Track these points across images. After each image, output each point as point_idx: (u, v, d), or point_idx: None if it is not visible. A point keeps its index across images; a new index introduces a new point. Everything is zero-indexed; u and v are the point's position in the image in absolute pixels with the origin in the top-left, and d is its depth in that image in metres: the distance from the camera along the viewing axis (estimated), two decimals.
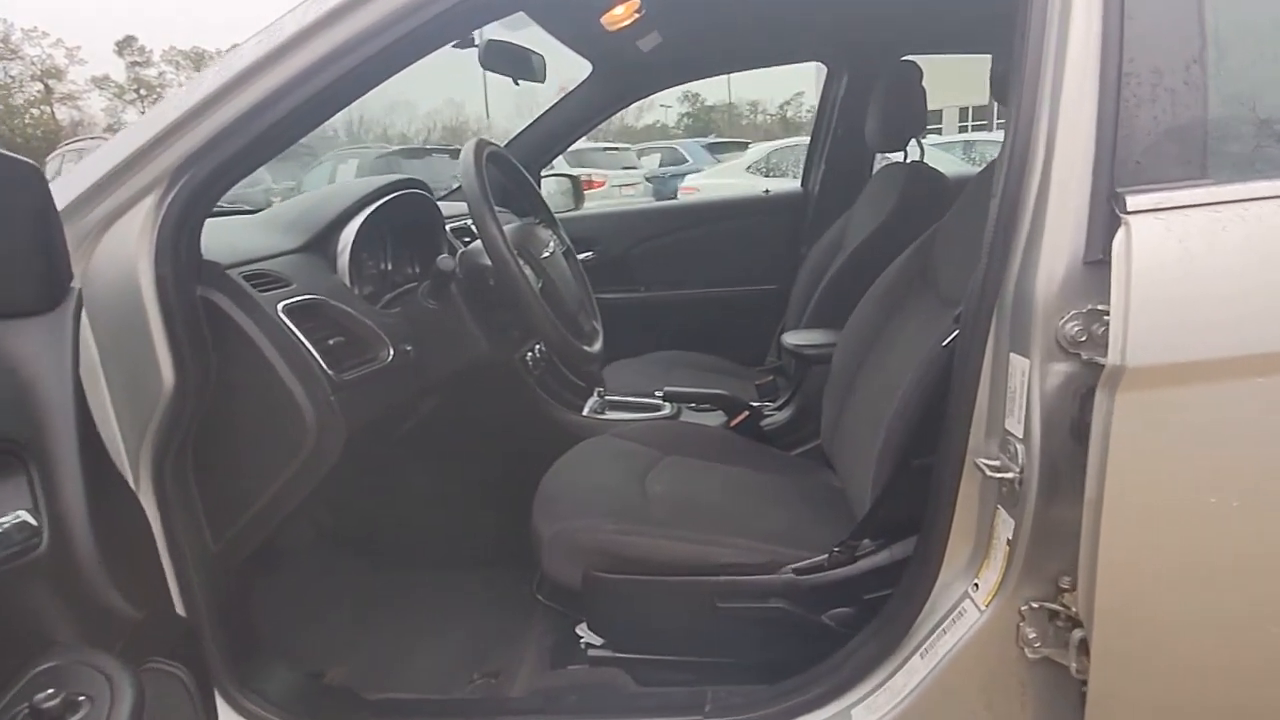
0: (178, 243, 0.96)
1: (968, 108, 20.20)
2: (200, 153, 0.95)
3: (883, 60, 2.30)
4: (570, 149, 2.64)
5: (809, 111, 29.08)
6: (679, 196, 9.67)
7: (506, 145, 2.48)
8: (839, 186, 2.48)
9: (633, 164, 11.34)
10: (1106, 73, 0.83)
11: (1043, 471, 0.87)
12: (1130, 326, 0.78)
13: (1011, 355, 0.90)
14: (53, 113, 34.66)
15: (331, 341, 1.16)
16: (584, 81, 2.40)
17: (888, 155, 2.31)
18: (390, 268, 1.53)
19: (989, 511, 0.96)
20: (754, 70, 2.78)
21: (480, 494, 1.70)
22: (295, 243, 1.30)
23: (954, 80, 3.50)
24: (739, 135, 22.60)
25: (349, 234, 1.35)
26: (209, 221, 1.04)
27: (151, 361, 0.96)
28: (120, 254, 0.95)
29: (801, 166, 2.80)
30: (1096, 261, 0.83)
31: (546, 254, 1.49)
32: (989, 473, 0.92)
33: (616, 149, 11.48)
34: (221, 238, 1.17)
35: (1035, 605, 0.92)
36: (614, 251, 2.64)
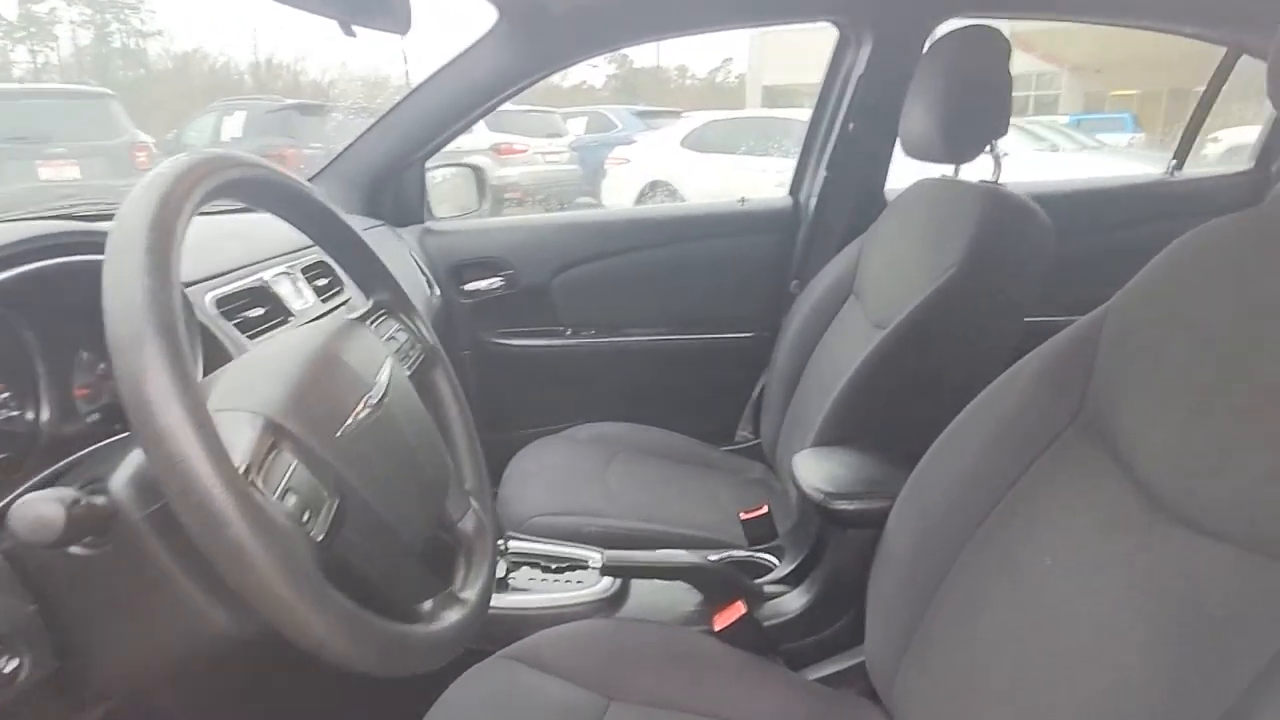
0: None
1: None
2: None
3: (921, 23, 1.62)
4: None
5: (736, 79, 28.22)
6: (607, 167, 8.83)
7: (372, 128, 1.71)
8: (846, 203, 1.79)
9: (558, 130, 10.40)
10: None
11: None
12: None
13: None
14: None
15: None
16: (485, 36, 1.62)
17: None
18: (46, 418, 0.74)
19: None
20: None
21: None
22: None
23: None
24: (666, 100, 21.67)
25: None
26: None
27: None
28: None
29: (743, 145, 2.08)
30: None
31: (359, 413, 0.65)
32: None
33: (540, 112, 10.41)
34: None
35: None
36: (531, 278, 1.89)
